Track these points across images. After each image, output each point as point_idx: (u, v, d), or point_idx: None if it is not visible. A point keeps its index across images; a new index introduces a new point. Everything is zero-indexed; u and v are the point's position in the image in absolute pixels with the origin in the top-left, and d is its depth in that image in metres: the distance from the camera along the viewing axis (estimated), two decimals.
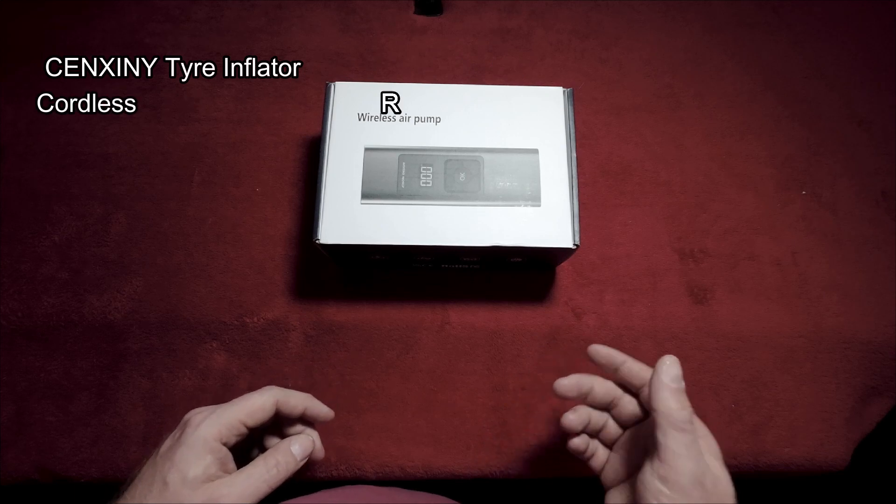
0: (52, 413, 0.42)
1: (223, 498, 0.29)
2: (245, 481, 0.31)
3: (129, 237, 0.46)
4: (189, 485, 0.29)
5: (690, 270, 0.47)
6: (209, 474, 0.30)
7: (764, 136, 0.51)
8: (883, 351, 0.45)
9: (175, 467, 0.29)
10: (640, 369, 0.34)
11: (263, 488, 0.31)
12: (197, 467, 0.29)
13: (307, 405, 0.35)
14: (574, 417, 0.34)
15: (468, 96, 0.42)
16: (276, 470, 0.32)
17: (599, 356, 0.36)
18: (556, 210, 0.39)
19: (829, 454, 0.43)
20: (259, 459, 0.32)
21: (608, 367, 0.35)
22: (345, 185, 0.39)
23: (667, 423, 0.29)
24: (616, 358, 0.35)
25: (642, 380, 0.34)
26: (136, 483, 0.30)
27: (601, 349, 0.36)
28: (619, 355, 0.35)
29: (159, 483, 0.29)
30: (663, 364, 0.31)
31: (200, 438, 0.30)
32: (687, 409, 0.30)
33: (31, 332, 0.43)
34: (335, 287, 0.45)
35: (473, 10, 0.54)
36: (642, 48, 0.53)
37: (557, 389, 0.34)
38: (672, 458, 0.28)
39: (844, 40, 0.54)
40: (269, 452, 0.33)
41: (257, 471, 0.32)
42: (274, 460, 0.32)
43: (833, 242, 0.48)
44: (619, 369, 0.35)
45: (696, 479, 0.28)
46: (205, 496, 0.29)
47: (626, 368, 0.35)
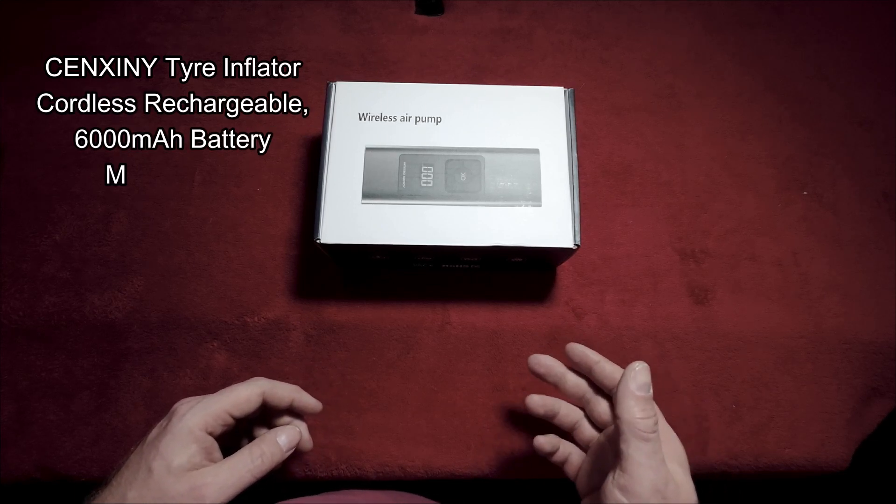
0: (53, 412, 0.42)
1: (205, 487, 0.29)
2: (228, 471, 0.31)
3: (130, 236, 0.46)
4: (173, 473, 0.29)
5: (691, 271, 0.46)
6: (193, 463, 0.30)
7: (765, 136, 0.51)
8: (884, 351, 0.45)
9: (160, 455, 0.30)
10: (613, 371, 0.34)
11: (247, 478, 0.31)
12: (181, 456, 0.30)
13: (294, 397, 0.35)
14: (538, 399, 0.35)
15: (469, 96, 0.41)
16: (261, 460, 0.32)
17: (574, 355, 0.36)
18: (557, 210, 0.39)
19: (830, 455, 0.43)
20: (244, 449, 0.33)
21: (582, 366, 0.36)
22: (345, 184, 0.39)
23: (629, 431, 0.29)
24: (590, 357, 0.35)
25: (613, 381, 0.33)
26: (123, 470, 0.30)
27: (576, 348, 0.36)
28: (594, 355, 0.35)
29: (144, 470, 0.29)
30: (632, 371, 0.31)
31: (186, 428, 0.30)
32: (651, 417, 0.29)
33: (32, 332, 0.44)
34: (336, 287, 0.45)
35: (474, 10, 0.54)
36: (643, 48, 0.53)
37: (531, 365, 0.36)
38: (633, 467, 0.28)
39: (846, 40, 0.54)
40: (255, 442, 0.33)
41: (241, 460, 0.32)
42: (259, 450, 0.32)
43: (834, 243, 0.48)
44: (592, 369, 0.35)
45: (655, 488, 0.28)
46: (188, 485, 0.29)
47: (599, 369, 0.35)
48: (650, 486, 0.28)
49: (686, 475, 0.31)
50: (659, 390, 0.33)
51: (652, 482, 0.28)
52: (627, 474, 0.28)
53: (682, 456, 0.31)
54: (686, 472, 0.31)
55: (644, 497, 0.28)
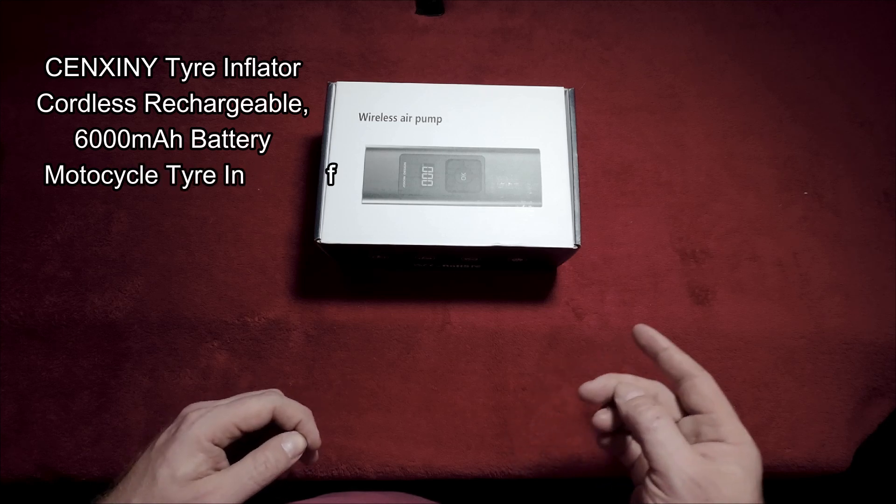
0: (53, 412, 0.42)
1: (209, 495, 0.29)
2: (232, 479, 0.31)
3: (131, 236, 0.46)
4: (178, 482, 0.29)
5: (692, 271, 0.46)
6: (200, 472, 0.30)
7: (766, 136, 0.51)
8: (884, 352, 0.45)
9: (166, 463, 0.29)
10: (682, 361, 0.32)
11: (251, 485, 0.31)
12: (188, 465, 0.30)
13: (302, 419, 0.34)
14: (595, 386, 0.33)
15: (469, 96, 0.41)
16: (265, 467, 0.32)
17: (641, 338, 0.34)
18: (557, 210, 0.39)
19: (831, 455, 0.43)
20: (248, 456, 0.32)
21: (649, 351, 0.33)
22: (346, 184, 0.39)
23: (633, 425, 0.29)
24: (659, 343, 0.33)
25: (680, 372, 0.32)
26: (130, 475, 0.30)
27: (645, 330, 0.34)
28: (663, 340, 0.33)
29: (150, 477, 0.29)
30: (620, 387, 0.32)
31: (193, 437, 0.30)
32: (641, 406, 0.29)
33: (32, 331, 0.44)
34: (336, 287, 0.45)
35: (475, 10, 0.54)
36: (644, 48, 0.53)
37: (582, 394, 0.33)
38: (655, 456, 0.28)
39: (846, 41, 0.54)
40: (260, 449, 0.33)
41: (246, 468, 0.31)
42: (263, 457, 0.32)
43: (835, 243, 0.48)
44: (658, 355, 0.33)
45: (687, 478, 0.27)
46: (192, 494, 0.29)
47: (667, 356, 0.33)
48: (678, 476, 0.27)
49: (748, 477, 0.28)
50: None
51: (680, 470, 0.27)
52: (653, 464, 0.28)
53: (748, 459, 0.29)
54: (748, 475, 0.28)
55: (677, 488, 0.27)
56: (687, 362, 0.32)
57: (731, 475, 0.27)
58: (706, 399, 0.30)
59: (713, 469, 0.27)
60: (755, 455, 0.29)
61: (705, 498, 0.26)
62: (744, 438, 0.29)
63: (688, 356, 0.32)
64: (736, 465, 0.28)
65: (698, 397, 0.30)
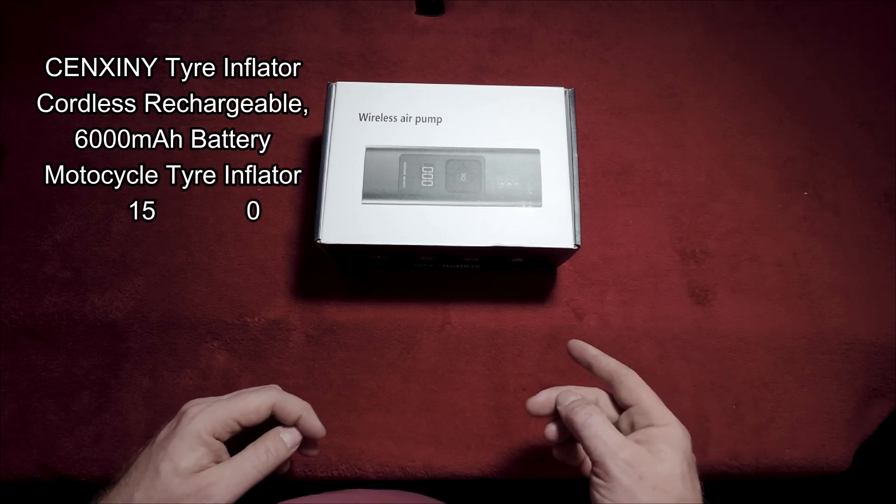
0: (53, 412, 0.42)
1: (212, 486, 0.30)
2: (234, 469, 0.31)
3: (131, 236, 0.46)
4: (180, 475, 0.29)
5: (692, 271, 0.46)
6: (201, 465, 0.30)
7: (766, 136, 0.51)
8: (885, 352, 0.45)
9: (168, 457, 0.30)
10: (608, 363, 0.35)
11: (253, 474, 0.32)
12: (189, 459, 0.30)
13: (303, 415, 0.35)
14: (540, 399, 0.35)
15: (469, 96, 0.41)
16: (266, 456, 0.32)
17: (574, 350, 0.36)
18: (558, 210, 0.39)
19: (831, 455, 0.43)
20: (249, 447, 0.33)
21: (582, 361, 0.36)
22: (346, 184, 0.39)
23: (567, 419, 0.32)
24: (588, 352, 0.36)
25: (608, 373, 0.34)
26: (131, 470, 0.31)
27: (576, 343, 0.36)
28: (592, 350, 0.36)
29: (152, 471, 0.30)
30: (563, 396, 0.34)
31: (194, 431, 0.31)
32: (584, 409, 0.32)
33: (32, 331, 0.44)
34: (336, 287, 0.45)
35: (475, 10, 0.54)
36: (644, 48, 0.53)
37: (529, 409, 0.35)
38: (588, 444, 0.30)
39: (846, 41, 0.54)
40: (260, 440, 0.33)
41: (247, 458, 0.32)
42: (264, 447, 0.33)
43: (835, 243, 0.48)
44: (590, 363, 0.35)
45: (617, 457, 0.29)
46: (194, 486, 0.30)
47: (596, 362, 0.35)
48: (613, 461, 0.29)
49: (675, 453, 0.30)
50: (659, 391, 0.33)
51: (614, 454, 0.29)
52: (591, 456, 0.30)
53: (675, 437, 0.31)
54: (676, 451, 0.30)
55: (613, 473, 0.29)
56: (613, 363, 0.35)
57: (660, 452, 0.30)
58: (632, 392, 0.33)
59: (644, 450, 0.30)
60: (681, 433, 0.31)
61: (638, 476, 0.28)
62: (669, 419, 0.32)
63: (614, 359, 0.35)
64: (664, 443, 0.30)
65: (626, 392, 0.33)
